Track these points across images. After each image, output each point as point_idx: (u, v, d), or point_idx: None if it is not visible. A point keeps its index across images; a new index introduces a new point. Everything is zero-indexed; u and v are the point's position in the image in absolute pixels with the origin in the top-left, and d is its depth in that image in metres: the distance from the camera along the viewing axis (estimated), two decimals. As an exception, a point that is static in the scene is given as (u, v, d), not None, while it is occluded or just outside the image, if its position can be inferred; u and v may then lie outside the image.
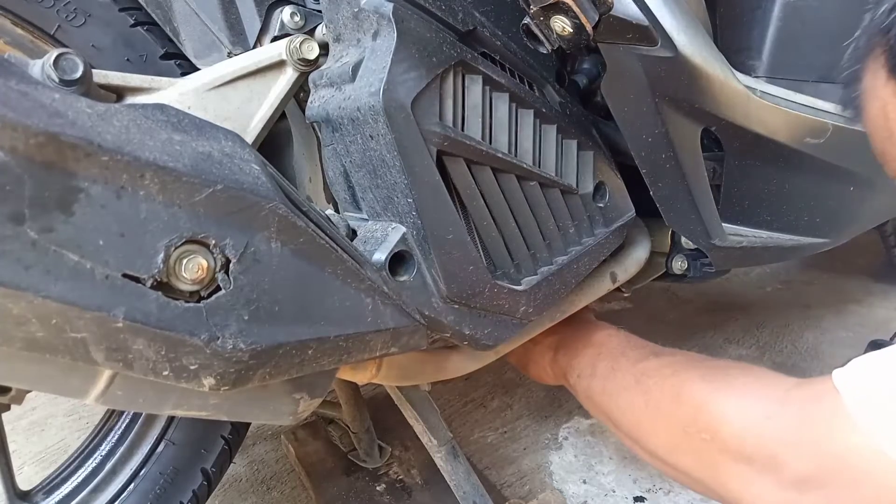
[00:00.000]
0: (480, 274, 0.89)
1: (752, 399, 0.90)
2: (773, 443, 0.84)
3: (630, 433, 1.06)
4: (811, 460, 0.80)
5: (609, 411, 1.09)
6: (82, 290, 0.55)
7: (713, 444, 0.91)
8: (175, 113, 0.65)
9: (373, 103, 0.79)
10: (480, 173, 0.89)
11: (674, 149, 0.97)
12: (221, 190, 0.62)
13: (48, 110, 0.54)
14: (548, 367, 1.25)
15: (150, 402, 0.77)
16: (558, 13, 0.85)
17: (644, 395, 1.03)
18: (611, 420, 1.10)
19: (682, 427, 0.95)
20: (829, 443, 0.78)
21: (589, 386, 1.13)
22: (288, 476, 1.68)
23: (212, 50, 0.98)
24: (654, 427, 1.01)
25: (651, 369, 1.06)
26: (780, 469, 0.83)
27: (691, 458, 0.95)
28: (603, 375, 1.12)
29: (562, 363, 1.21)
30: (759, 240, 1.11)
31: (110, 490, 1.09)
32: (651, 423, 1.01)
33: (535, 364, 1.29)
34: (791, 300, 2.27)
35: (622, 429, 1.08)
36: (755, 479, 0.86)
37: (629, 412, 1.05)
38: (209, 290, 0.63)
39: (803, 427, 0.82)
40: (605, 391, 1.10)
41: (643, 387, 1.04)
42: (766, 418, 0.86)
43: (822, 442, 0.79)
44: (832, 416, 0.78)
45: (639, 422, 1.04)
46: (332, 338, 0.72)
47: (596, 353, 1.16)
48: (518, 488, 1.57)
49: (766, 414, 0.86)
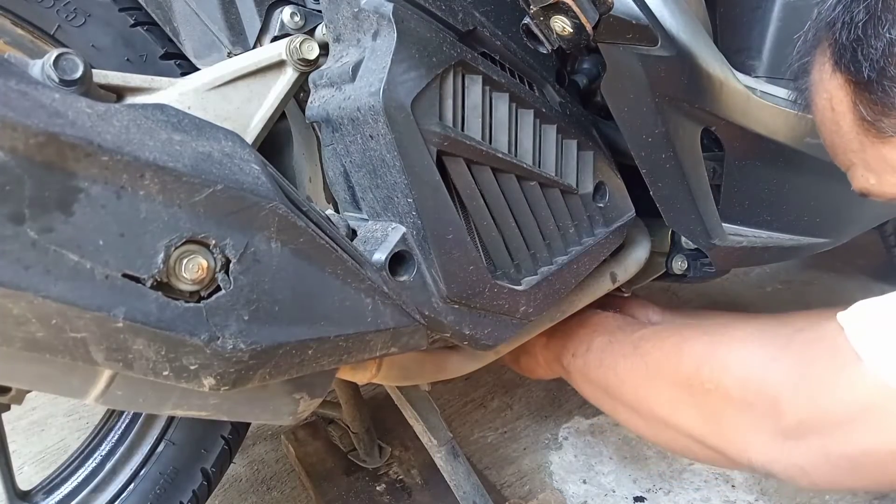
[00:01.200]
0: (480, 274, 0.89)
1: (754, 345, 0.90)
2: (774, 386, 0.84)
3: (630, 401, 1.06)
4: (810, 402, 0.80)
5: (607, 382, 1.09)
6: (82, 290, 0.55)
7: (716, 392, 0.91)
8: (175, 113, 0.65)
9: (373, 103, 0.79)
10: (480, 173, 0.89)
11: (674, 149, 0.97)
12: (221, 190, 0.62)
13: (48, 110, 0.54)
14: (538, 356, 1.25)
15: (150, 403, 0.77)
16: (558, 13, 0.85)
17: (643, 358, 1.03)
18: (609, 392, 1.10)
19: (685, 381, 0.95)
20: (831, 380, 0.78)
21: (585, 362, 1.13)
22: (288, 476, 1.68)
23: (212, 50, 0.98)
24: (655, 388, 1.00)
25: (649, 334, 1.06)
26: (780, 415, 0.83)
27: (694, 412, 0.95)
28: (599, 348, 1.12)
29: (554, 347, 1.21)
30: (759, 240, 1.11)
31: (110, 490, 1.09)
32: (652, 384, 1.01)
33: (526, 355, 1.28)
34: (791, 300, 2.27)
35: (623, 398, 1.07)
36: (755, 427, 0.86)
37: (629, 378, 1.05)
38: (209, 291, 0.63)
39: (805, 366, 0.83)
40: (602, 363, 1.10)
41: (642, 350, 1.04)
42: (769, 361, 0.86)
43: (823, 380, 0.80)
44: (834, 352, 0.78)
45: (639, 386, 1.03)
46: (332, 338, 0.72)
47: (591, 331, 1.16)
48: (518, 488, 1.57)
49: (770, 357, 0.87)
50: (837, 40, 0.74)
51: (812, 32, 0.81)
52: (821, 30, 0.78)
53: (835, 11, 0.75)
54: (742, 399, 0.87)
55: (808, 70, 0.83)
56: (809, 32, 0.81)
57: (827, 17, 0.76)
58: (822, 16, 0.77)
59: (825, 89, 0.79)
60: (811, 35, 0.81)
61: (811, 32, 0.81)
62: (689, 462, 1.59)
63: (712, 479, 1.54)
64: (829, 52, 0.77)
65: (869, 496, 1.45)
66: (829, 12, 0.76)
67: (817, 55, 0.80)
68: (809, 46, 0.82)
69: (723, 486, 1.51)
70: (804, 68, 0.84)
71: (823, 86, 0.79)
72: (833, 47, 0.75)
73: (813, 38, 0.81)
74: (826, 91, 0.79)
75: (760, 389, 0.85)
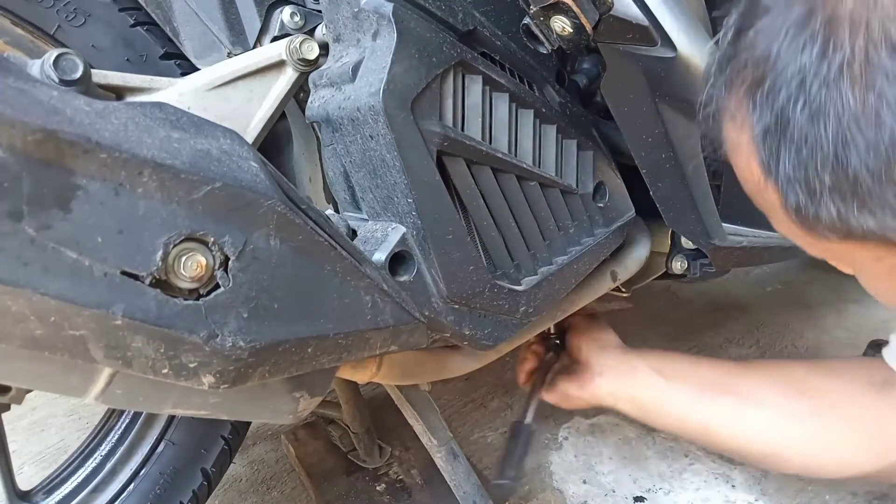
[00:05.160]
0: (480, 274, 0.89)
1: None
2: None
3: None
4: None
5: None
6: (81, 287, 0.56)
7: None
8: (173, 111, 0.66)
9: (373, 103, 0.79)
10: (480, 173, 0.89)
11: (674, 149, 0.97)
12: (220, 187, 0.62)
13: (46, 107, 0.54)
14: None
15: (149, 401, 0.77)
16: (558, 13, 0.85)
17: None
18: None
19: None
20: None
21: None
22: (288, 476, 1.68)
23: (212, 50, 0.98)
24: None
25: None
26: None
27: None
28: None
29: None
30: (759, 240, 1.11)
31: (110, 490, 1.09)
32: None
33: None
34: (791, 300, 2.27)
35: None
36: None
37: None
38: (208, 288, 0.63)
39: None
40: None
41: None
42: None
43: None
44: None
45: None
46: (331, 335, 0.72)
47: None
48: (518, 488, 1.57)
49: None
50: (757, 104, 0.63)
51: (717, 71, 0.69)
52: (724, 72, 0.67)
53: (736, 48, 0.65)
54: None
55: (718, 119, 0.70)
56: (714, 70, 0.69)
57: (730, 56, 0.66)
58: (725, 52, 0.67)
59: (742, 153, 0.68)
60: (716, 76, 0.69)
61: (716, 71, 0.69)
62: (689, 462, 1.58)
63: (712, 479, 1.54)
64: (744, 112, 0.64)
65: (869, 496, 1.45)
66: (730, 50, 0.66)
67: (729, 102, 0.67)
68: (717, 90, 0.69)
69: (723, 486, 1.51)
70: (709, 114, 0.71)
71: (740, 149, 0.68)
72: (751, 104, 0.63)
73: (718, 79, 0.68)
74: (744, 154, 0.67)
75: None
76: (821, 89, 0.57)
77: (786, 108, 0.59)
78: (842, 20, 0.56)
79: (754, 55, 0.62)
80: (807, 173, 0.59)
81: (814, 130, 0.57)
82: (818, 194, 0.59)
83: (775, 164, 0.62)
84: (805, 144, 0.58)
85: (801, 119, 0.58)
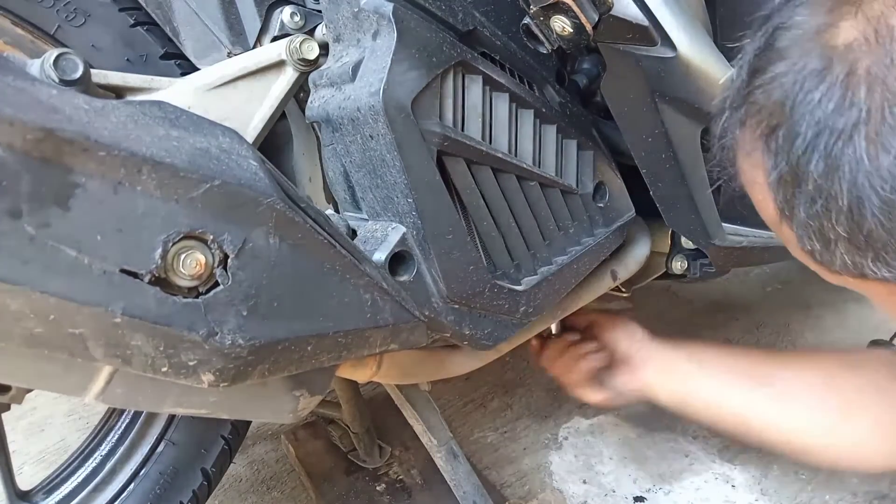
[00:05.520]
0: (480, 274, 0.89)
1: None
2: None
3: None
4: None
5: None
6: (80, 285, 0.56)
7: None
8: (172, 109, 0.66)
9: (373, 103, 0.79)
10: (480, 173, 0.89)
11: (674, 149, 0.97)
12: (219, 185, 0.62)
13: (45, 106, 0.54)
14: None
15: (149, 400, 0.77)
16: (558, 13, 0.85)
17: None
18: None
19: None
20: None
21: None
22: (288, 476, 1.68)
23: (212, 50, 0.98)
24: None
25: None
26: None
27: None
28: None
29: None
30: (760, 240, 1.11)
31: (110, 490, 1.09)
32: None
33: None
34: (791, 300, 2.26)
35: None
36: None
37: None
38: (207, 286, 0.63)
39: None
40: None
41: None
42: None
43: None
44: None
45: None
46: (330, 334, 0.72)
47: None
48: (518, 488, 1.57)
49: None
50: (774, 142, 0.62)
51: (729, 107, 0.68)
52: (740, 109, 0.67)
53: (753, 86, 0.64)
54: None
55: (734, 152, 0.71)
56: (727, 106, 0.69)
57: (743, 92, 0.65)
58: (737, 89, 0.67)
59: (759, 192, 0.68)
60: (729, 112, 0.69)
61: (729, 107, 0.68)
62: (689, 462, 1.59)
63: (712, 479, 1.54)
64: (759, 152, 0.64)
65: (869, 496, 1.45)
66: (743, 86, 0.65)
67: (744, 139, 0.67)
68: (730, 125, 0.69)
69: (723, 486, 1.51)
70: (725, 145, 0.71)
71: (755, 187, 0.68)
72: (766, 143, 0.63)
73: (733, 116, 0.68)
74: (762, 194, 0.67)
75: None
76: (836, 144, 0.56)
77: (801, 160, 0.59)
78: (860, 77, 0.55)
79: (770, 100, 0.62)
80: (821, 224, 0.59)
81: (828, 185, 0.57)
82: (833, 244, 0.60)
83: (790, 210, 0.62)
84: (819, 197, 0.58)
85: (815, 172, 0.58)
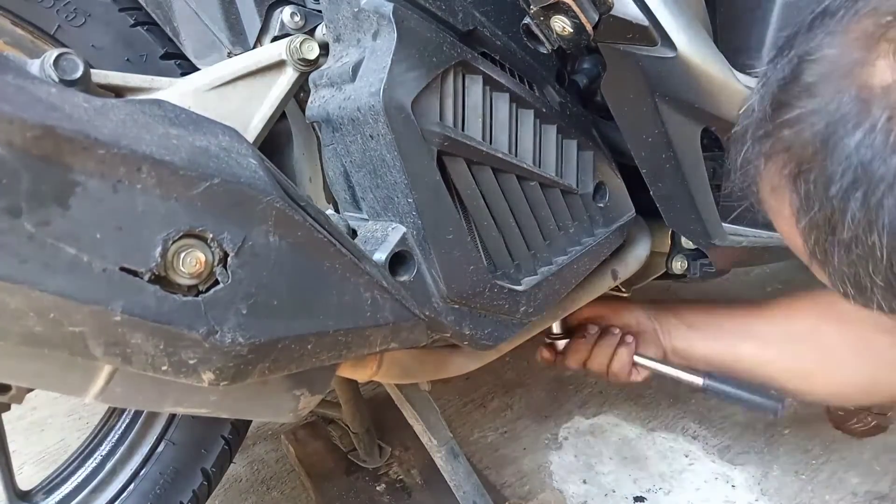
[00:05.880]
0: (480, 274, 0.89)
1: None
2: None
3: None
4: None
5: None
6: (80, 283, 0.55)
7: None
8: (172, 108, 0.66)
9: (373, 103, 0.79)
10: (480, 173, 0.89)
11: (674, 149, 0.97)
12: (219, 184, 0.62)
13: (45, 104, 0.54)
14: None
15: (149, 399, 0.77)
16: (558, 13, 0.85)
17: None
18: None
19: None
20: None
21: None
22: (288, 476, 1.68)
23: (212, 50, 0.98)
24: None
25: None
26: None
27: None
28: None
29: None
30: (760, 240, 1.11)
31: (110, 490, 1.09)
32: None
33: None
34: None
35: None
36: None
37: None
38: (207, 284, 0.62)
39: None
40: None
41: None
42: None
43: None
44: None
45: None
46: (331, 332, 0.72)
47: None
48: (518, 488, 1.57)
49: None
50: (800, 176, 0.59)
51: (751, 137, 0.65)
52: (764, 138, 0.63)
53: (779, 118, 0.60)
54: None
55: (757, 184, 0.67)
56: (747, 136, 0.65)
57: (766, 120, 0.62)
58: (757, 118, 0.63)
59: (785, 229, 0.65)
60: (750, 142, 0.65)
61: (749, 137, 0.65)
62: (689, 462, 1.59)
63: (712, 479, 1.54)
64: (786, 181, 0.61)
65: (869, 496, 1.45)
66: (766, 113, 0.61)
67: (769, 170, 0.63)
68: (757, 156, 0.65)
69: (723, 486, 1.51)
70: (746, 174, 0.67)
71: (782, 224, 0.65)
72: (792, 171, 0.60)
73: (755, 146, 0.65)
74: (788, 233, 0.65)
75: None
76: (875, 193, 0.52)
77: (836, 208, 0.55)
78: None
79: (799, 140, 0.57)
80: (857, 272, 0.57)
81: (865, 235, 0.54)
82: (869, 290, 0.58)
83: (822, 255, 0.59)
84: (856, 247, 0.55)
85: (852, 221, 0.54)
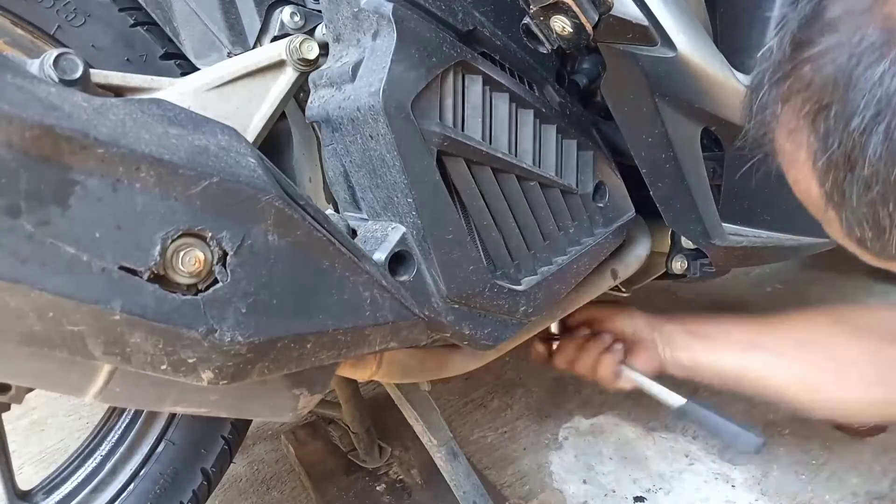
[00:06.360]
0: (480, 274, 0.89)
1: None
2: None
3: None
4: None
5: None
6: (79, 282, 0.56)
7: None
8: (171, 107, 0.66)
9: (373, 103, 0.79)
10: (480, 173, 0.89)
11: (674, 149, 0.97)
12: (218, 182, 0.62)
13: (44, 103, 0.54)
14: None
15: (149, 399, 0.77)
16: (558, 13, 0.85)
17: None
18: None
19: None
20: None
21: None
22: (288, 476, 1.68)
23: (212, 50, 0.98)
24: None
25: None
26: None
27: None
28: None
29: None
30: (759, 240, 1.11)
31: (110, 490, 1.09)
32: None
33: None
34: (791, 300, 2.26)
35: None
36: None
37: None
38: (206, 283, 0.63)
39: None
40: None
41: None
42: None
43: None
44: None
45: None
46: (330, 331, 0.72)
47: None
48: (518, 488, 1.57)
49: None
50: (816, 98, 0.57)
51: (769, 75, 0.62)
52: (783, 74, 0.60)
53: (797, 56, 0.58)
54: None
55: (772, 129, 0.65)
56: (767, 72, 0.62)
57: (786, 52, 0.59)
58: (776, 56, 0.60)
59: (800, 177, 0.63)
60: (768, 78, 0.62)
61: (768, 74, 0.62)
62: (689, 462, 1.58)
63: (712, 479, 1.54)
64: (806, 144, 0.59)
65: (869, 496, 1.45)
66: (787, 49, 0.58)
67: (786, 114, 0.61)
68: (774, 99, 0.62)
69: (723, 486, 1.51)
70: (761, 121, 0.65)
71: (797, 172, 0.63)
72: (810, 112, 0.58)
73: (772, 87, 0.62)
74: (804, 180, 0.63)
75: None
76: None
77: (857, 142, 0.53)
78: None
79: (820, 76, 0.56)
80: (876, 211, 0.55)
81: (887, 169, 0.52)
82: (887, 232, 0.56)
83: (840, 196, 0.57)
84: (876, 183, 0.53)
85: (873, 156, 0.52)
